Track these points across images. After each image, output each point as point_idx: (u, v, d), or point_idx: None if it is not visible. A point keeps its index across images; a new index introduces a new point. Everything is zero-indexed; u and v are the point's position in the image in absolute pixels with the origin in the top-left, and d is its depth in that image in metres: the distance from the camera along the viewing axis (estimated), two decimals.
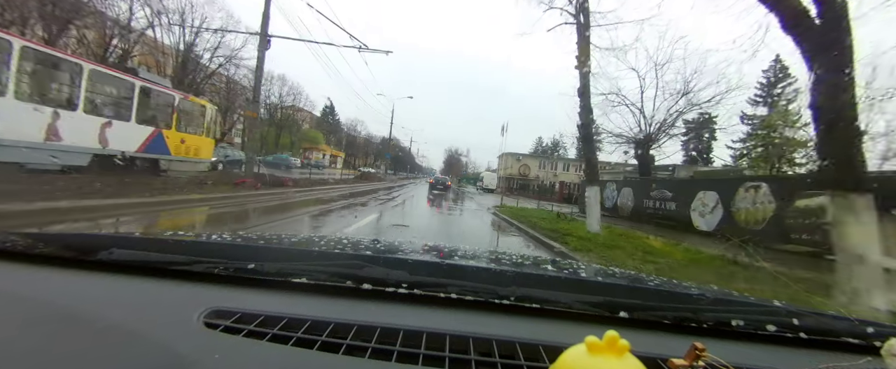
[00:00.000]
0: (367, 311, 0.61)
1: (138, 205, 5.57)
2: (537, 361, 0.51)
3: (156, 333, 0.49)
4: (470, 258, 0.97)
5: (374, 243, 1.05)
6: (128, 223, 4.74)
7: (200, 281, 0.67)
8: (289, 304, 0.61)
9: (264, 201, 8.38)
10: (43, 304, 0.55)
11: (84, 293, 0.61)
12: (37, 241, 0.72)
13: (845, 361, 0.56)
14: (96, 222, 4.47)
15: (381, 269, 0.70)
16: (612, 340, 0.36)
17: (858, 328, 0.66)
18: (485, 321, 0.61)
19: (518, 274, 0.75)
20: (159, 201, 6.07)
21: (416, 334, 0.55)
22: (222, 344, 0.49)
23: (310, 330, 0.54)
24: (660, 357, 0.51)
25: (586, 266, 1.12)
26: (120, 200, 5.39)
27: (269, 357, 0.47)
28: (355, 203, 10.41)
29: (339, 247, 0.87)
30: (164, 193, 6.65)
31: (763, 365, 0.55)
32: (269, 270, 0.69)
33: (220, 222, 5.63)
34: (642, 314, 0.66)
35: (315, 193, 11.75)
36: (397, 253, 0.92)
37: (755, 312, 0.69)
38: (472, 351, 0.53)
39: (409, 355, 0.50)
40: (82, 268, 0.68)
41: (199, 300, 0.59)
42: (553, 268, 0.94)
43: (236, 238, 0.92)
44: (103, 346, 0.46)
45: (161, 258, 0.70)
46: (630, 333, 0.42)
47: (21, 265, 0.68)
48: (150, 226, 4.87)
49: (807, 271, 4.24)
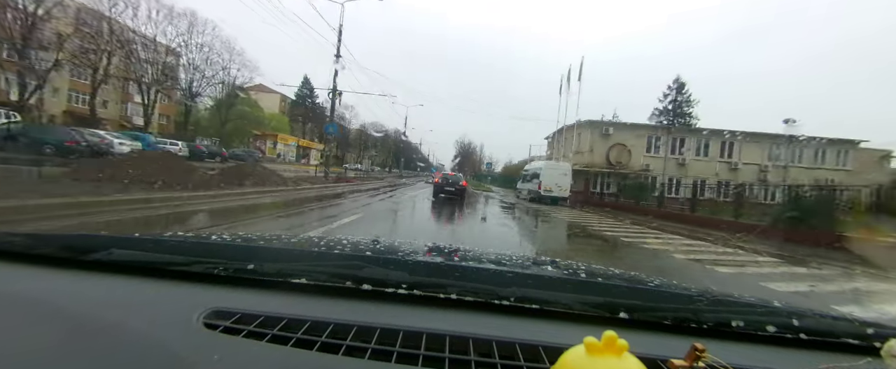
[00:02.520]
0: (366, 312, 0.61)
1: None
2: (537, 362, 0.51)
3: (155, 333, 0.49)
4: (470, 258, 0.97)
5: (373, 243, 1.04)
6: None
7: (200, 281, 0.67)
8: (289, 305, 0.61)
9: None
10: (43, 304, 0.55)
11: (84, 293, 0.61)
12: (37, 241, 0.74)
13: (845, 362, 0.56)
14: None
15: (381, 270, 0.70)
16: (611, 340, 0.36)
17: (858, 329, 0.66)
18: (485, 322, 0.61)
19: (518, 274, 0.75)
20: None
21: (416, 335, 0.55)
22: (222, 345, 0.49)
23: (309, 330, 0.54)
24: (659, 357, 0.51)
25: (586, 266, 1.09)
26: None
27: (269, 357, 0.48)
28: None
29: (338, 248, 0.88)
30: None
31: (763, 365, 0.56)
32: (269, 271, 0.69)
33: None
34: (642, 314, 0.66)
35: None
36: (397, 253, 0.93)
37: (755, 313, 0.69)
38: (472, 351, 0.53)
39: (408, 356, 0.50)
40: (82, 269, 0.68)
41: (199, 300, 0.59)
42: (553, 269, 0.94)
43: (236, 238, 0.94)
44: (103, 347, 0.47)
45: (161, 258, 0.71)
46: (630, 333, 0.43)
47: (21, 265, 0.69)
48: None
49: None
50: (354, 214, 8.37)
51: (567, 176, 20.48)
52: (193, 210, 7.13)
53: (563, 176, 20.38)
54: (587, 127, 24.77)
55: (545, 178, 20.17)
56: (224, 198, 8.72)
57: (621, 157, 24.40)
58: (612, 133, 24.46)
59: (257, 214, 7.68)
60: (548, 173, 20.38)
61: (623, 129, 24.85)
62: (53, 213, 4.99)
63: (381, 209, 10.66)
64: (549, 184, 19.98)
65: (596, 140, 24.56)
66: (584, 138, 24.76)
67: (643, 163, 24.84)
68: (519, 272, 0.78)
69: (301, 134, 52.91)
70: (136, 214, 5.99)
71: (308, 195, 11.89)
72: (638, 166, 24.66)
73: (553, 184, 20.00)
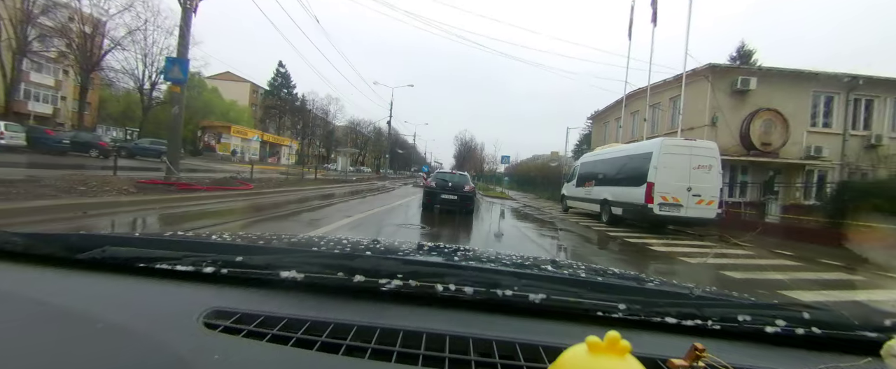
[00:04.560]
0: (366, 312, 0.61)
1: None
2: (537, 362, 0.51)
3: (155, 333, 0.49)
4: (470, 258, 0.96)
5: (374, 243, 1.05)
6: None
7: (200, 281, 0.67)
8: (289, 305, 0.61)
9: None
10: (42, 304, 0.55)
11: (83, 293, 0.61)
12: (37, 241, 0.73)
13: (845, 361, 0.56)
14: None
15: (381, 270, 0.70)
16: (614, 340, 0.36)
17: (859, 328, 0.66)
18: (485, 321, 0.61)
19: (518, 274, 0.75)
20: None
21: (416, 334, 0.55)
22: (222, 345, 0.49)
23: (309, 330, 0.54)
24: (660, 357, 0.51)
25: (586, 266, 1.09)
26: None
27: (269, 357, 0.48)
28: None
29: (338, 248, 0.88)
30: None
31: (763, 365, 0.55)
32: (270, 271, 0.68)
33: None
34: (642, 314, 0.66)
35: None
36: (397, 253, 0.93)
37: (755, 312, 0.69)
38: (472, 351, 0.53)
39: (408, 355, 0.50)
40: (82, 268, 0.68)
41: (199, 300, 0.59)
42: (553, 268, 0.94)
43: (236, 238, 0.94)
44: (103, 346, 0.47)
45: (161, 258, 0.70)
46: (630, 333, 0.43)
47: (21, 265, 0.69)
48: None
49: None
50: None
51: (713, 166, 9.12)
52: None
53: (706, 168, 9.05)
54: (702, 79, 13.54)
55: (663, 174, 8.94)
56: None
57: (772, 134, 13.07)
58: (754, 88, 13.15)
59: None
60: (668, 161, 8.99)
61: (771, 80, 13.47)
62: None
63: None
64: (672, 185, 8.88)
65: (722, 102, 13.29)
66: (695, 100, 13.53)
67: (807, 143, 13.47)
68: (519, 272, 0.79)
69: (276, 129, 42.92)
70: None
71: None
72: (798, 149, 13.32)
73: (679, 185, 8.88)
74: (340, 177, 24.12)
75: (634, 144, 11.41)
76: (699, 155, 9.04)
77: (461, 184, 10.46)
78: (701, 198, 8.85)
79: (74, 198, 6.03)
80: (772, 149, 13.22)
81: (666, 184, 8.85)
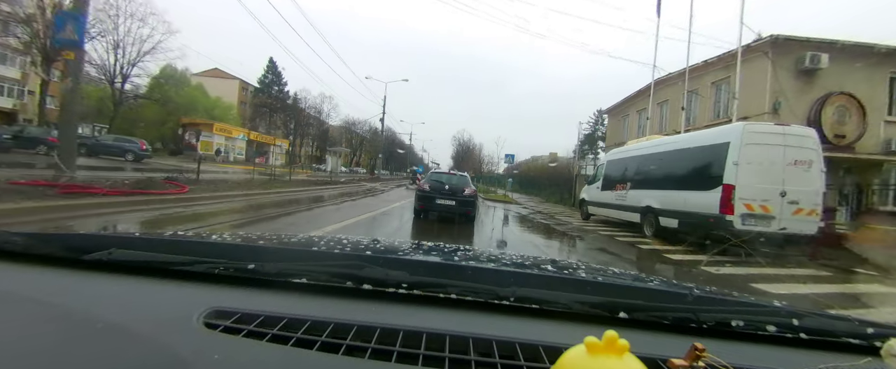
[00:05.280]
0: (366, 312, 0.61)
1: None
2: (537, 362, 0.51)
3: (155, 333, 0.49)
4: (470, 258, 0.96)
5: (374, 243, 1.05)
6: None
7: (200, 281, 0.67)
8: (289, 304, 0.61)
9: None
10: (43, 304, 0.55)
11: (84, 293, 0.61)
12: (37, 241, 0.73)
13: (845, 361, 0.56)
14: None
15: (381, 269, 0.69)
16: (612, 340, 0.36)
17: (859, 328, 0.66)
18: (485, 321, 0.61)
19: (518, 274, 0.75)
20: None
21: (416, 334, 0.55)
22: (222, 345, 0.49)
23: (309, 330, 0.54)
24: (660, 357, 0.51)
25: (586, 266, 1.09)
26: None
27: (269, 357, 0.48)
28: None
29: (339, 247, 0.87)
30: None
31: (763, 365, 0.55)
32: (270, 270, 0.68)
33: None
34: (642, 314, 0.66)
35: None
36: (397, 253, 0.93)
37: (755, 312, 0.69)
38: (472, 351, 0.53)
39: (408, 355, 0.50)
40: (82, 268, 0.68)
41: (199, 300, 0.59)
42: (553, 269, 0.93)
43: (236, 238, 0.93)
44: (103, 346, 0.46)
45: (161, 258, 0.70)
46: (630, 333, 0.43)
47: (21, 265, 0.69)
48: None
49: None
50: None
51: (813, 162, 6.42)
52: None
53: (805, 165, 6.34)
54: (760, 55, 11.10)
55: (746, 173, 6.25)
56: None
57: (846, 124, 10.63)
58: (826, 66, 10.70)
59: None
60: (754, 155, 6.27)
61: (846, 58, 10.99)
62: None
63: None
64: (760, 188, 6.23)
65: (785, 84, 10.85)
66: (751, 81, 11.07)
67: (885, 136, 11.05)
68: (519, 272, 0.78)
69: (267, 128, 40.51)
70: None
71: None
72: (875, 143, 10.90)
73: (771, 188, 6.25)
74: (326, 179, 21.57)
75: (694, 133, 8.70)
76: (796, 145, 6.36)
77: (460, 186, 8.72)
78: (799, 205, 6.26)
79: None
80: (846, 142, 10.73)
81: (750, 187, 6.22)
